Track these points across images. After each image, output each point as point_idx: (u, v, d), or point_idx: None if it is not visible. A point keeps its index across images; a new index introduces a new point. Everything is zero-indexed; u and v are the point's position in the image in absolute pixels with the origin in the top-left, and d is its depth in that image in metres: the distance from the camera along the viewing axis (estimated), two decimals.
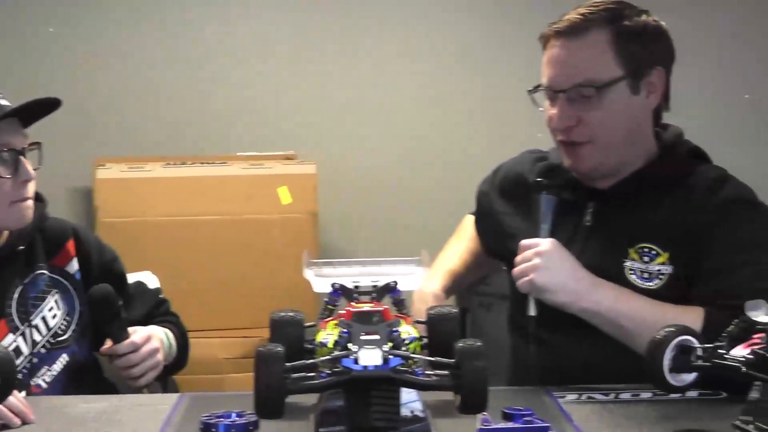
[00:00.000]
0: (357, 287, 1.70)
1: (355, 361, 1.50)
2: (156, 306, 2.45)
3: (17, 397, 1.86)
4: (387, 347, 1.53)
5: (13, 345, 2.19)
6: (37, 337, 2.23)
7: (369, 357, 1.51)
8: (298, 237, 3.43)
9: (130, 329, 2.24)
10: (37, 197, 2.24)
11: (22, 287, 2.23)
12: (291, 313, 1.75)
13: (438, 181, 3.91)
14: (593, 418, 1.85)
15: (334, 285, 1.70)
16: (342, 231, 3.88)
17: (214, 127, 3.88)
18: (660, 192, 2.14)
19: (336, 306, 1.72)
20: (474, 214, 2.48)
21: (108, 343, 2.25)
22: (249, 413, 1.73)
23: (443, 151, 3.94)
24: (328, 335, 1.62)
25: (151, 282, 2.48)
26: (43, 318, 2.24)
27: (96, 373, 2.38)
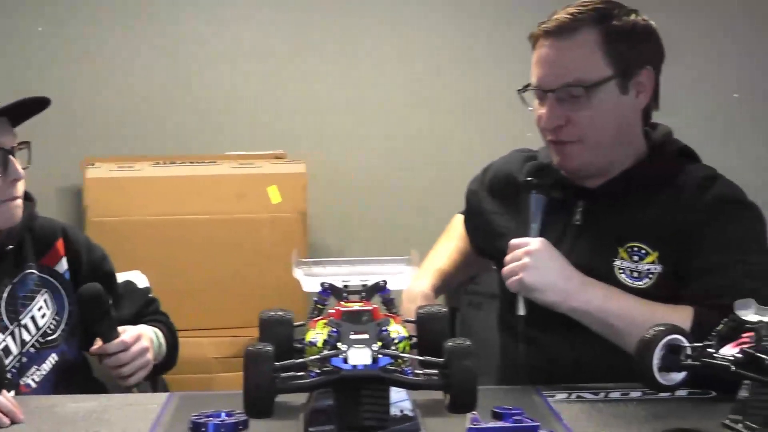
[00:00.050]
0: (346, 286, 1.69)
1: (345, 361, 1.50)
2: (145, 305, 2.44)
3: (6, 397, 1.86)
4: (376, 346, 1.53)
5: (2, 344, 2.18)
6: (27, 337, 2.22)
7: (358, 356, 1.51)
8: (287, 236, 3.42)
9: (119, 328, 2.24)
10: (27, 196, 2.24)
11: (11, 287, 2.23)
12: (280, 313, 1.74)
13: (427, 181, 3.91)
14: (582, 417, 1.85)
15: (323, 284, 1.70)
16: (331, 230, 3.87)
17: (203, 126, 3.87)
18: (649, 191, 2.14)
19: (325, 305, 1.71)
20: (463, 213, 2.47)
21: (98, 343, 2.24)
22: (238, 413, 1.73)
23: (432, 151, 3.94)
24: (317, 334, 1.61)
25: (141, 281, 2.47)
26: (33, 317, 2.24)
27: (85, 373, 2.38)
